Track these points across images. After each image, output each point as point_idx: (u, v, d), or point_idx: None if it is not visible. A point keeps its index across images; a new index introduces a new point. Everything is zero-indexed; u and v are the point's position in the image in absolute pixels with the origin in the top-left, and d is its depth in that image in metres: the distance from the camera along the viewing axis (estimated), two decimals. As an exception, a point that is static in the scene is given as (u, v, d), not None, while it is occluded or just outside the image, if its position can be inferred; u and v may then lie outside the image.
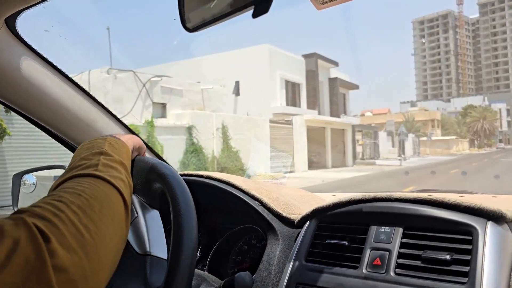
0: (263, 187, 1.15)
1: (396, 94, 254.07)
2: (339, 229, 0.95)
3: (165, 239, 0.78)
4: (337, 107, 30.18)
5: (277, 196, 1.12)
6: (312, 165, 20.74)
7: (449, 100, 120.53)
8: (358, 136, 29.01)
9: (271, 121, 17.04)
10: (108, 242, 0.54)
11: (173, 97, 14.54)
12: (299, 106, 24.96)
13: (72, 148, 1.15)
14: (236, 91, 23.39)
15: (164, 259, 0.75)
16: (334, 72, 31.18)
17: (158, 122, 12.89)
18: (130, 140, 0.79)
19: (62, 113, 1.05)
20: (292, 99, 25.25)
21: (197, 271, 0.85)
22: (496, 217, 0.79)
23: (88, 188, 0.58)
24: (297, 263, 0.95)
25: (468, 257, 0.76)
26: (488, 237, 0.76)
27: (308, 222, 1.01)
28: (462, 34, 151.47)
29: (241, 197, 1.09)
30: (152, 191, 0.78)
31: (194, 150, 13.13)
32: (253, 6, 0.55)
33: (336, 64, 30.89)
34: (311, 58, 27.16)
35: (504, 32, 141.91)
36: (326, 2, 0.64)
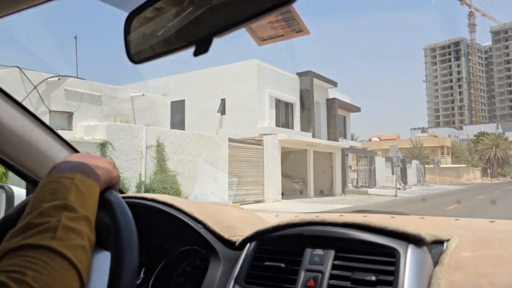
0: (207, 210, 1.16)
1: (408, 121, 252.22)
2: (278, 252, 0.98)
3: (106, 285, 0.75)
4: (335, 130, 28.79)
5: (221, 218, 1.14)
6: (295, 193, 18.18)
7: (461, 128, 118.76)
8: (355, 161, 26.49)
9: (232, 140, 14.27)
10: None
11: (86, 104, 11.71)
12: (292, 128, 23.81)
13: (12, 168, 1.12)
14: (222, 110, 22.08)
15: None
16: (333, 93, 29.74)
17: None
18: (103, 175, 0.75)
19: (2, 132, 1.04)
20: (284, 119, 23.68)
21: None
22: (416, 241, 0.84)
23: (40, 272, 0.55)
24: (237, 285, 0.98)
25: (391, 278, 0.81)
26: (409, 259, 0.81)
27: (248, 244, 1.03)
28: (474, 61, 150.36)
29: (185, 220, 1.10)
30: (100, 223, 0.77)
31: (105, 173, 10.31)
32: (194, 46, 0.60)
33: (334, 84, 29.47)
34: (306, 76, 25.65)
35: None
36: (265, 39, 0.71)
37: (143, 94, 13.75)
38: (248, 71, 21.08)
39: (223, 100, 21.71)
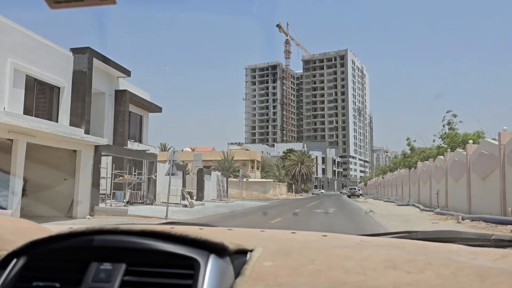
0: None
1: (228, 136, 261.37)
2: (53, 268, 0.83)
3: None
4: (124, 130, 22.95)
5: None
6: None
7: (273, 145, 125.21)
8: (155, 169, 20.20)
9: None
10: None
11: None
12: (56, 120, 17.08)
13: None
14: None
15: None
16: (127, 85, 23.74)
17: None
18: None
19: None
20: (43, 107, 17.36)
21: None
22: (218, 250, 0.79)
23: None
24: None
25: None
26: (209, 271, 0.76)
27: (15, 260, 0.86)
28: (288, 85, 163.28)
29: None
30: None
31: None
32: None
33: (127, 73, 24.04)
34: (83, 54, 18.97)
35: (322, 89, 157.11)
36: (60, 2, 0.64)
37: None
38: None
39: None
